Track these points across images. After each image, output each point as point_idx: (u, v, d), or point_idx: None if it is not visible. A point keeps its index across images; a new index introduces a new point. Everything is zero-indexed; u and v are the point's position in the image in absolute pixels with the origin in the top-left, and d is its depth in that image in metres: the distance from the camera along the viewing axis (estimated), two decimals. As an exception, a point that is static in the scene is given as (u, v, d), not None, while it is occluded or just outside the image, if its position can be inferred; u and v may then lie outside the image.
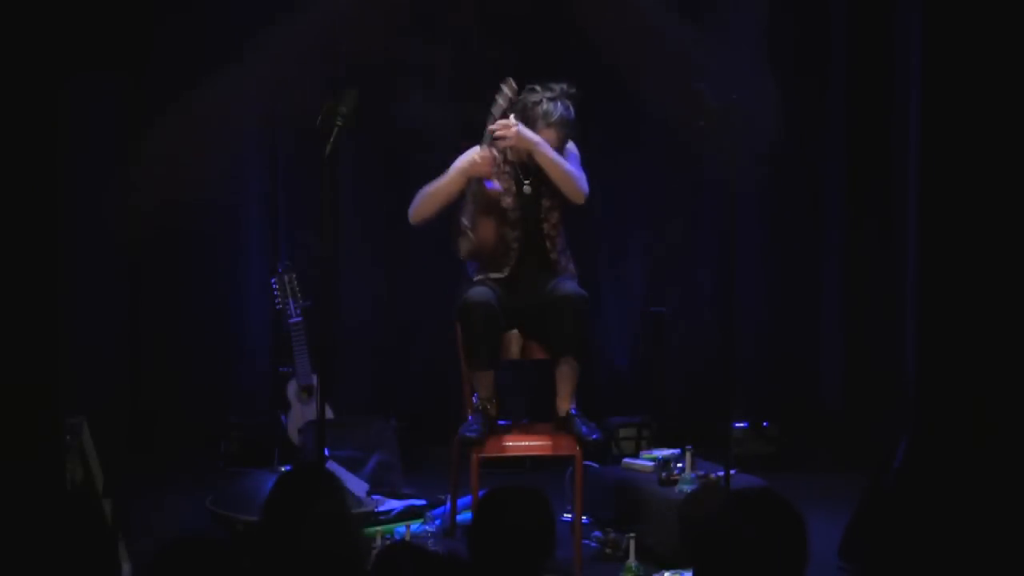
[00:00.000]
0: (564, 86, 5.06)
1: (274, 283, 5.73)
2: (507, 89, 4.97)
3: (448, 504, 5.39)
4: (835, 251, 6.30)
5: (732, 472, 5.05)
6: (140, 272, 6.03)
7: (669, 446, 5.65)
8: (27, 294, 4.16)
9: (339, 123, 4.62)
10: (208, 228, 6.13)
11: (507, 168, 5.12)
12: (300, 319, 5.70)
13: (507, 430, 5.18)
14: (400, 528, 5.29)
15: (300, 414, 5.74)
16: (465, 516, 5.30)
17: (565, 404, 5.08)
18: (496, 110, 4.97)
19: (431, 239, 6.37)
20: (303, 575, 3.17)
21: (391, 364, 6.34)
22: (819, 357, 6.36)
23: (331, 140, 4.60)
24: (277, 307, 5.73)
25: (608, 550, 5.14)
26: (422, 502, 5.54)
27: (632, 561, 4.84)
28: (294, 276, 5.73)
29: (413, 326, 6.31)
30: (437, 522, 5.34)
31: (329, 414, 5.36)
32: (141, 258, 6.02)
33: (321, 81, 5.71)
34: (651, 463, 5.51)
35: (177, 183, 6.02)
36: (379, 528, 5.31)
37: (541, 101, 5.01)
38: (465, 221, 5.05)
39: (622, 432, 6.01)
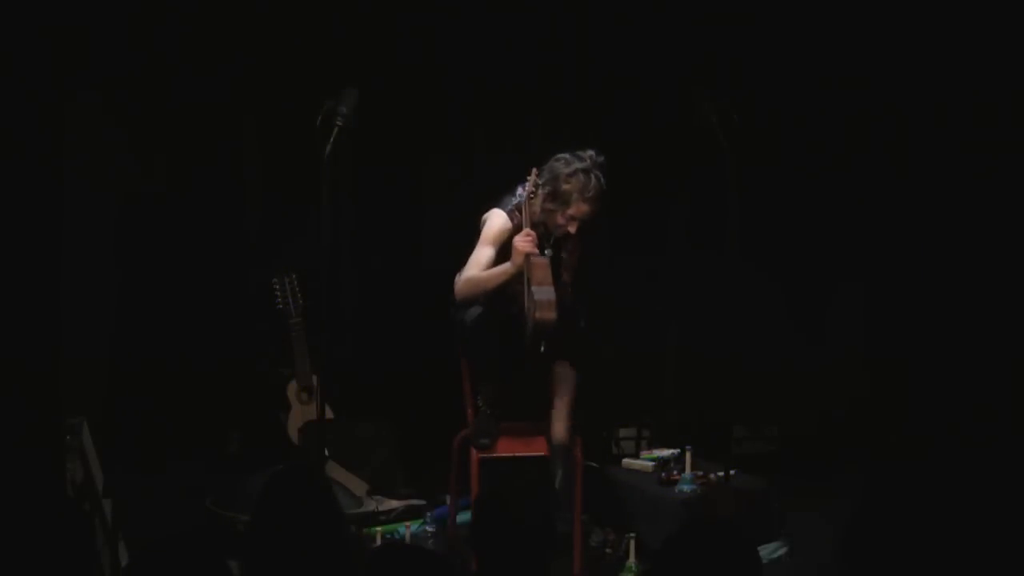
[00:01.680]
0: (592, 153, 4.99)
1: (275, 283, 5.73)
2: (532, 179, 4.94)
3: (448, 504, 5.39)
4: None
5: (732, 472, 5.06)
6: (139, 271, 6.02)
7: (669, 446, 5.66)
8: (27, 294, 4.17)
9: (339, 123, 4.62)
10: (208, 227, 6.12)
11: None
12: (300, 319, 5.70)
13: (508, 431, 5.17)
14: (400, 528, 5.30)
15: (300, 414, 5.74)
16: (465, 516, 5.30)
17: (558, 433, 5.06)
18: (525, 202, 4.96)
19: (431, 239, 6.39)
20: (295, 575, 3.18)
21: (391, 364, 6.33)
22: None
23: (331, 140, 4.60)
24: (277, 307, 5.72)
25: (608, 550, 5.14)
26: (422, 502, 5.55)
27: (632, 561, 4.85)
28: (294, 276, 5.73)
29: (413, 326, 6.30)
30: (437, 522, 5.36)
31: (329, 414, 5.36)
32: (140, 256, 6.01)
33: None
34: (651, 463, 5.52)
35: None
36: (379, 528, 5.32)
37: (575, 174, 4.94)
38: (528, 305, 4.92)
39: (622, 432, 6.02)
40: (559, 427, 5.02)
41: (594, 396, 5.66)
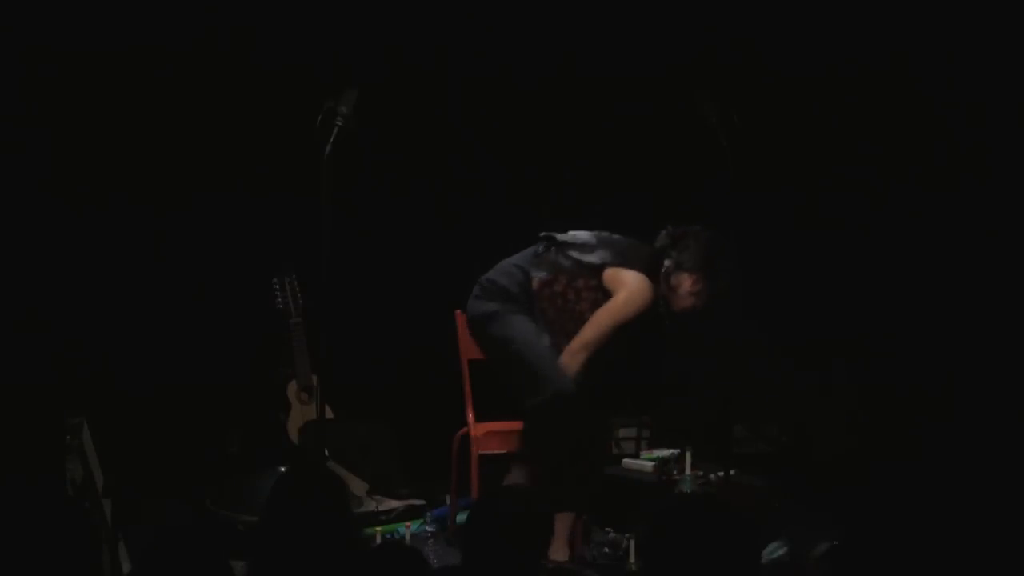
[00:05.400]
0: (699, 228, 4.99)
1: (275, 283, 5.73)
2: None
3: (448, 504, 5.39)
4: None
5: (732, 472, 5.05)
6: (139, 270, 6.02)
7: (669, 446, 5.65)
8: (27, 295, 4.18)
9: (339, 123, 4.62)
10: (208, 226, 6.12)
11: None
12: (300, 319, 5.70)
13: (508, 427, 5.18)
14: (400, 528, 5.30)
15: (300, 414, 5.74)
16: (465, 516, 5.30)
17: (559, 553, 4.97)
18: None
19: (432, 238, 6.39)
20: (304, 575, 3.18)
21: (391, 364, 6.34)
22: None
23: (331, 140, 4.60)
24: (277, 307, 5.72)
25: (608, 550, 5.14)
26: (422, 502, 5.55)
27: (632, 561, 4.85)
28: (294, 276, 5.73)
29: (414, 325, 6.31)
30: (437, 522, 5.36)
31: (329, 414, 5.36)
32: (140, 256, 6.02)
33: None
34: (651, 463, 5.52)
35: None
36: (379, 528, 5.32)
37: (727, 249, 4.92)
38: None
39: (622, 432, 6.01)
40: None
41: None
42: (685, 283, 4.92)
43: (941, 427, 5.60)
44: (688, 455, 5.34)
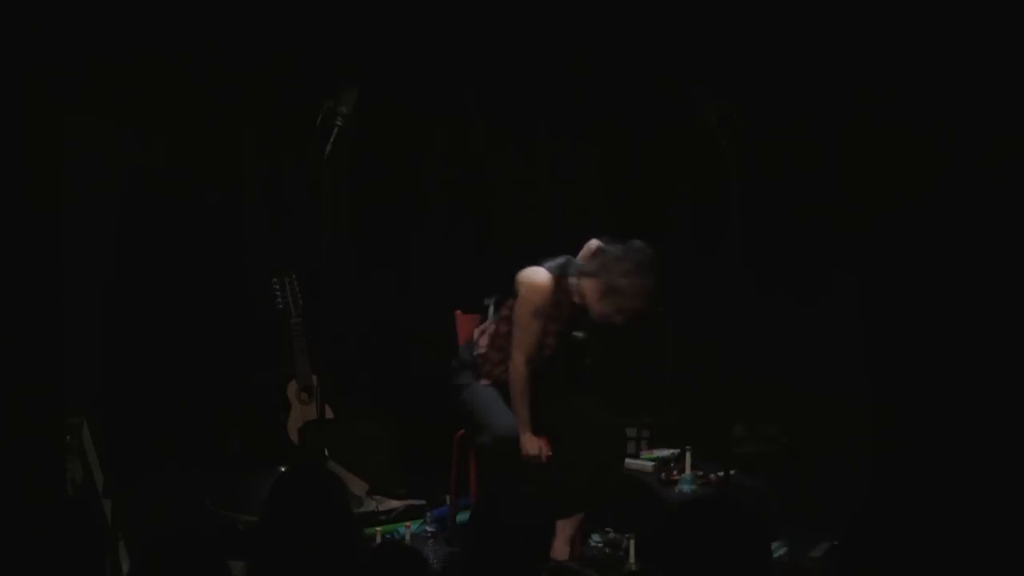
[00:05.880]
0: (643, 246, 4.98)
1: (275, 283, 5.73)
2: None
3: (448, 504, 5.40)
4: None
5: (732, 472, 5.06)
6: (139, 270, 6.02)
7: (669, 446, 5.65)
8: (27, 293, 4.17)
9: (339, 123, 4.62)
10: (208, 226, 6.12)
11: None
12: (300, 319, 5.70)
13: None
14: (400, 528, 5.30)
15: (300, 414, 5.74)
16: (465, 516, 5.31)
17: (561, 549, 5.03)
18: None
19: (431, 239, 6.39)
20: (303, 575, 3.19)
21: (391, 363, 6.34)
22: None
23: (331, 140, 4.60)
24: (278, 307, 5.72)
25: (608, 550, 5.14)
26: (422, 502, 5.55)
27: (632, 561, 4.85)
28: (294, 276, 5.73)
29: (413, 325, 6.31)
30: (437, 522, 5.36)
31: (329, 414, 5.36)
32: (141, 256, 6.01)
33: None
34: (651, 463, 5.53)
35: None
36: (379, 528, 5.32)
37: (634, 273, 4.91)
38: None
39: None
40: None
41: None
42: (589, 291, 4.95)
43: (939, 426, 5.60)
44: (688, 455, 5.34)
